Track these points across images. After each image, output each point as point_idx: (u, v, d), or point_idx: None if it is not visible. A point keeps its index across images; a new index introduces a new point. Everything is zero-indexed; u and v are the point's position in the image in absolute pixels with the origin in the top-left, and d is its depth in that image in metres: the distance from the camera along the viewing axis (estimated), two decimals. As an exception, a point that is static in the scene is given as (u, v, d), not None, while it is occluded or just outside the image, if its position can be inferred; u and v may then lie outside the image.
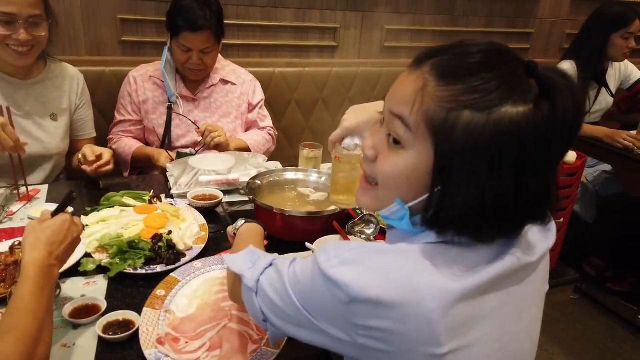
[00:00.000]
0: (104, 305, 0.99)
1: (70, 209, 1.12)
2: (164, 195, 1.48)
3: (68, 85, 1.75)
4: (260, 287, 0.72)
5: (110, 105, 2.03)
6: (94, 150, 1.56)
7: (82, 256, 1.14)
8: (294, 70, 2.49)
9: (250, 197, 1.34)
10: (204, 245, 1.25)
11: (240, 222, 1.10)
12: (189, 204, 1.45)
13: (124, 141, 1.95)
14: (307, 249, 1.19)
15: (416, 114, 0.61)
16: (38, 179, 1.70)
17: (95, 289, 1.07)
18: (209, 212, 1.44)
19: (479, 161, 0.57)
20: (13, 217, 1.36)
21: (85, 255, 1.15)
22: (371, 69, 2.66)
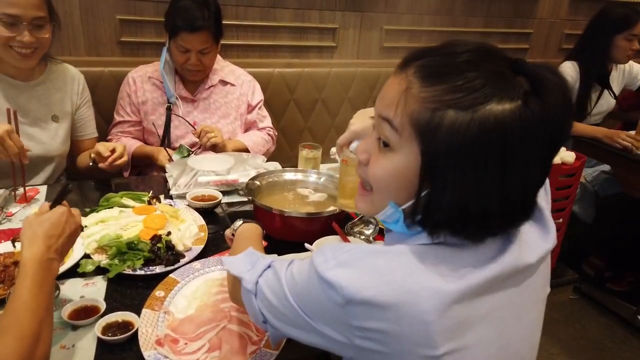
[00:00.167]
0: (103, 306, 0.99)
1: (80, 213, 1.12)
2: (163, 196, 1.48)
3: (69, 86, 1.75)
4: (259, 289, 0.72)
5: (109, 105, 2.02)
6: (106, 146, 1.57)
7: (81, 257, 1.14)
8: (293, 71, 2.49)
9: (250, 198, 1.34)
10: (203, 246, 1.25)
11: (238, 223, 1.10)
12: (188, 205, 1.45)
13: (123, 141, 1.94)
14: (306, 250, 1.19)
15: (401, 115, 0.61)
16: (39, 180, 1.70)
17: (94, 290, 1.07)
18: (208, 213, 1.44)
19: (464, 160, 0.57)
20: (12, 218, 1.36)
21: (84, 256, 1.15)
22: (370, 69, 2.66)
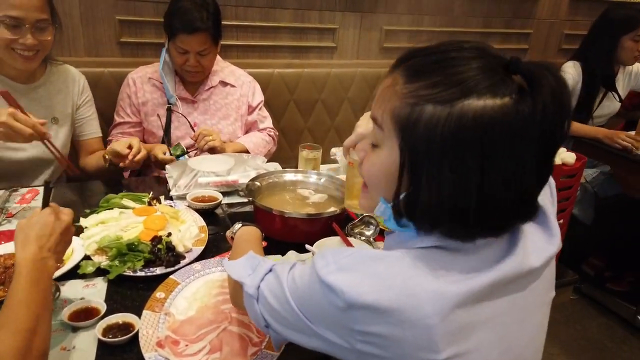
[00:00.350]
0: (103, 308, 0.99)
1: (73, 212, 1.11)
2: (163, 197, 1.48)
3: (70, 87, 1.74)
4: (261, 294, 0.72)
5: (109, 106, 2.02)
6: (122, 144, 1.57)
7: (82, 258, 1.14)
8: (293, 71, 2.49)
9: (250, 199, 1.34)
10: (203, 247, 1.25)
11: (237, 226, 1.10)
12: (188, 206, 1.45)
13: (122, 140, 1.94)
14: (307, 251, 1.19)
15: (383, 111, 0.63)
16: (39, 182, 1.69)
17: (94, 292, 1.07)
18: (208, 214, 1.44)
19: (442, 156, 0.57)
20: (12, 219, 1.36)
21: (85, 258, 1.15)
22: (370, 69, 2.67)
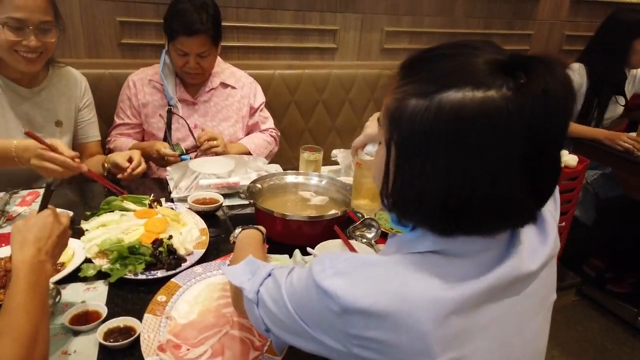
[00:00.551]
0: (104, 311, 0.99)
1: (70, 213, 1.11)
2: (164, 199, 1.48)
3: (72, 90, 1.73)
4: (261, 298, 0.72)
5: (110, 107, 2.01)
6: (123, 156, 1.56)
7: (83, 261, 1.14)
8: (294, 72, 2.49)
9: (251, 201, 1.34)
10: (204, 249, 1.24)
11: (237, 230, 1.10)
12: (189, 208, 1.45)
13: (121, 139, 1.94)
14: (309, 253, 1.19)
15: (382, 110, 0.65)
16: (40, 184, 1.68)
17: (95, 295, 1.07)
18: (209, 216, 1.44)
19: (420, 148, 0.58)
20: (13, 222, 1.35)
21: (86, 261, 1.15)
22: (371, 70, 2.67)
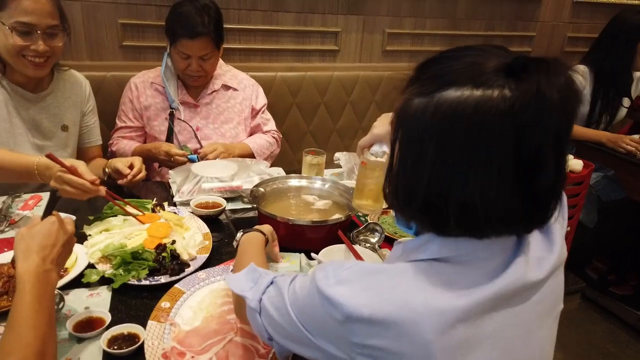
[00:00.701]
0: (108, 318, 0.98)
1: (73, 218, 1.10)
2: (167, 203, 1.47)
3: (76, 93, 1.72)
4: (263, 307, 0.73)
5: (112, 110, 2.01)
6: (123, 162, 1.55)
7: (86, 267, 1.14)
8: (295, 75, 2.48)
9: (254, 205, 1.33)
10: (207, 254, 1.24)
11: (239, 235, 1.09)
12: (191, 212, 1.44)
13: (124, 142, 1.94)
14: (313, 259, 1.18)
15: (394, 112, 0.65)
16: (46, 189, 1.67)
17: (99, 301, 1.06)
18: (212, 220, 1.43)
19: (414, 145, 0.60)
20: (15, 226, 1.35)
21: (89, 266, 1.14)
22: (372, 72, 2.66)
